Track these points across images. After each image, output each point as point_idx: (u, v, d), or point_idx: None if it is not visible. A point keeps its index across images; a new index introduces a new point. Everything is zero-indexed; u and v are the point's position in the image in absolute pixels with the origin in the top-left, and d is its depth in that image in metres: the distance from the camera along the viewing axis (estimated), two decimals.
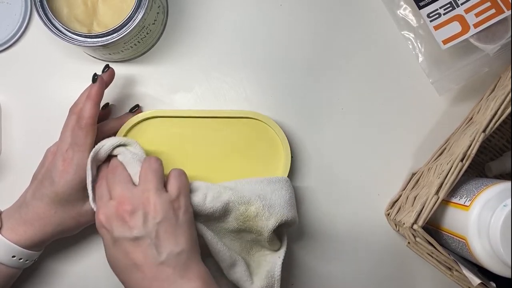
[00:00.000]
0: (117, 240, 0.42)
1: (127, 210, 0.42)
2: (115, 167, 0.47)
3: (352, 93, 0.55)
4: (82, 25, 0.51)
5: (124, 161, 0.47)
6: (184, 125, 0.53)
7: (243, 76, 0.55)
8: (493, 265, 0.41)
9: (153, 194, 0.43)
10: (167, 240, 0.42)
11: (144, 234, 0.42)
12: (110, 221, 0.43)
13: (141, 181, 0.45)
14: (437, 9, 0.51)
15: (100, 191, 0.46)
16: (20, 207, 0.48)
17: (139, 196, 0.43)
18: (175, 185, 0.45)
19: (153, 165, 0.46)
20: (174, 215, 0.44)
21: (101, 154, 0.47)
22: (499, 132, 0.56)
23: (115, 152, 0.48)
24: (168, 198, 0.44)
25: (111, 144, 0.48)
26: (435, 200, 0.42)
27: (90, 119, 0.47)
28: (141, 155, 0.48)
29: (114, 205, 0.43)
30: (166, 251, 0.42)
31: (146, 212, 0.43)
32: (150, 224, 0.42)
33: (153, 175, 0.45)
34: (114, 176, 0.46)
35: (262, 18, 0.56)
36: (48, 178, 0.47)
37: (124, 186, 0.44)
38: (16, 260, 0.47)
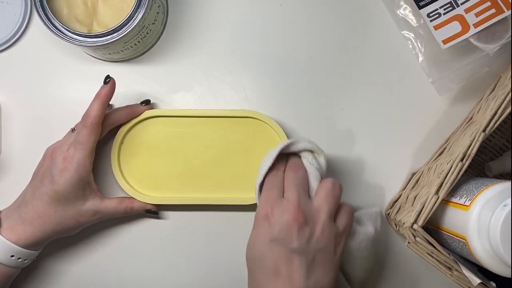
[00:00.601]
0: (275, 241, 0.42)
1: (299, 220, 0.41)
2: (299, 167, 0.46)
3: (352, 93, 0.55)
4: (82, 25, 0.51)
5: (308, 168, 0.46)
6: (184, 125, 0.53)
7: (243, 76, 0.55)
8: (493, 265, 0.41)
9: (326, 218, 0.43)
10: (319, 268, 0.42)
11: (303, 252, 0.41)
12: (278, 221, 0.42)
13: (319, 199, 0.44)
14: (437, 9, 0.51)
15: (275, 181, 0.45)
16: (19, 206, 0.48)
17: (312, 212, 0.43)
18: (344, 222, 0.44)
19: (337, 191, 0.45)
20: (333, 249, 0.43)
21: (291, 149, 0.47)
22: (499, 132, 0.56)
23: (302, 154, 0.47)
24: (335, 230, 0.43)
25: (304, 145, 0.47)
26: (435, 200, 0.42)
27: (96, 118, 0.47)
28: (323, 170, 0.47)
29: (290, 208, 0.42)
30: (314, 278, 0.41)
31: (313, 232, 0.42)
32: (312, 245, 0.42)
33: (333, 199, 0.44)
34: (295, 177, 0.45)
35: (262, 18, 0.56)
36: (48, 177, 0.47)
37: (301, 194, 0.44)
38: (14, 259, 0.47)
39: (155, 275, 0.54)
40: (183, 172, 0.52)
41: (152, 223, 0.54)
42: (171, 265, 0.54)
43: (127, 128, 0.52)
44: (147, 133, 0.53)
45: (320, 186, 0.45)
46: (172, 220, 0.55)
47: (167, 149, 0.53)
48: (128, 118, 0.52)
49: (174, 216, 0.54)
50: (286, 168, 0.47)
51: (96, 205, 0.49)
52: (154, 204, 0.53)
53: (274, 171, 0.46)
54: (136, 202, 0.51)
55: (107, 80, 0.49)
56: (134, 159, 0.52)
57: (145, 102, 0.53)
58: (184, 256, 0.55)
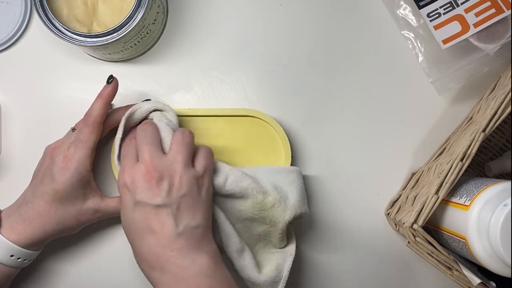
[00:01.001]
0: (138, 203, 0.43)
1: (154, 177, 0.43)
2: (147, 126, 0.47)
3: (352, 93, 0.55)
4: (82, 25, 0.51)
5: (158, 125, 0.47)
6: (184, 124, 0.53)
7: (243, 75, 0.55)
8: (493, 265, 0.41)
9: (182, 167, 0.44)
10: (187, 213, 0.43)
11: (167, 204, 0.43)
12: (135, 184, 0.43)
13: (172, 151, 0.45)
14: (437, 9, 0.51)
15: (127, 150, 0.46)
16: (20, 206, 0.48)
17: (167, 166, 0.44)
18: (203, 163, 0.46)
19: (186, 138, 0.46)
20: (197, 191, 0.45)
21: (137, 115, 0.47)
22: (499, 132, 0.56)
23: (150, 116, 0.48)
24: (194, 174, 0.45)
25: (148, 107, 0.48)
26: (435, 200, 0.42)
27: (98, 118, 0.48)
28: (174, 124, 0.48)
29: (142, 169, 0.44)
30: (183, 223, 0.43)
31: (172, 183, 0.43)
32: (174, 195, 0.43)
33: (184, 148, 0.45)
34: (145, 136, 0.46)
35: (262, 18, 0.56)
36: (48, 176, 0.47)
37: (154, 152, 0.45)
38: (14, 259, 0.46)
39: None
40: None
41: None
42: None
43: None
44: None
45: (172, 139, 0.46)
46: None
47: None
48: None
49: None
50: (136, 130, 0.48)
51: (96, 204, 0.49)
52: None
53: (127, 140, 0.48)
54: None
55: (110, 80, 0.49)
56: None
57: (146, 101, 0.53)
58: None
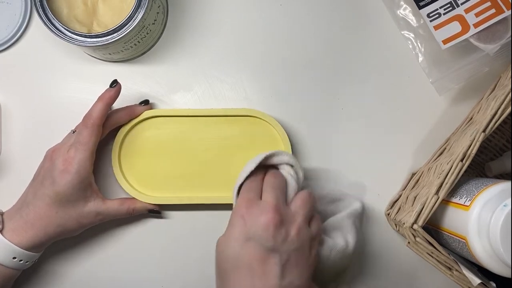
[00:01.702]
0: (251, 239, 0.41)
1: (275, 220, 0.42)
2: (278, 175, 0.47)
3: (352, 93, 0.55)
4: (82, 25, 0.51)
5: (286, 177, 0.47)
6: (184, 124, 0.53)
7: (243, 76, 0.55)
8: (493, 265, 0.41)
9: (302, 222, 0.43)
10: (294, 269, 0.42)
11: (279, 250, 0.41)
12: (254, 220, 0.42)
13: (296, 204, 0.45)
14: (437, 9, 0.51)
15: (253, 185, 0.45)
16: (21, 208, 0.48)
17: (289, 215, 0.43)
18: (317, 227, 0.45)
19: (312, 199, 0.46)
20: (308, 251, 0.43)
21: (273, 160, 0.47)
22: (499, 132, 0.56)
23: (281, 166, 0.48)
24: (310, 233, 0.44)
25: (286, 159, 0.48)
26: (435, 200, 0.42)
27: (98, 120, 0.47)
28: (301, 181, 0.48)
29: (267, 207, 0.42)
30: (289, 278, 0.41)
31: (289, 233, 0.42)
32: (287, 245, 0.42)
33: (308, 207, 0.45)
34: (273, 181, 0.45)
35: (262, 18, 0.56)
36: (48, 178, 0.47)
37: (280, 197, 0.44)
38: (16, 261, 0.47)
39: (156, 275, 0.54)
40: (184, 171, 0.52)
41: (153, 223, 0.54)
42: (171, 265, 0.54)
43: (127, 129, 0.52)
44: (148, 133, 0.53)
45: (297, 195, 0.46)
46: (173, 220, 0.54)
47: (167, 149, 0.53)
48: (128, 118, 0.52)
49: (176, 215, 0.54)
50: (265, 176, 0.47)
51: (97, 206, 0.49)
52: (156, 204, 0.53)
53: (253, 176, 0.47)
54: (138, 203, 0.51)
55: (114, 85, 0.49)
56: (135, 160, 0.52)
57: (144, 102, 0.53)
58: (185, 255, 0.55)
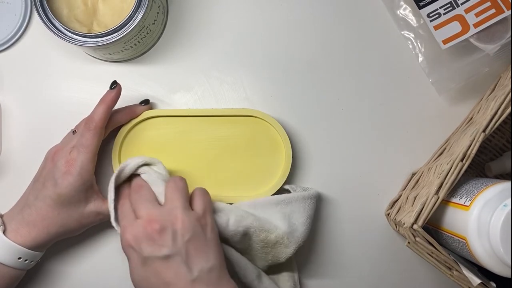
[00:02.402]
0: (147, 260, 0.42)
1: (156, 229, 0.42)
2: (139, 186, 0.46)
3: (352, 93, 0.55)
4: (82, 25, 0.51)
5: (149, 180, 0.47)
6: (184, 124, 0.53)
7: (243, 76, 0.55)
8: (493, 265, 0.41)
9: (181, 212, 0.43)
10: (198, 257, 0.42)
11: (175, 252, 0.42)
12: (138, 241, 0.42)
13: (168, 200, 0.45)
14: (437, 9, 0.51)
15: (124, 210, 0.45)
16: (22, 209, 0.48)
17: (166, 215, 0.43)
18: (201, 203, 0.45)
19: (178, 184, 0.45)
20: (202, 232, 0.43)
21: (125, 173, 0.47)
22: (499, 132, 0.56)
23: (138, 171, 0.48)
24: (195, 215, 0.44)
25: (136, 163, 0.47)
26: (435, 200, 0.42)
27: (100, 122, 0.48)
28: (165, 175, 0.48)
29: (142, 224, 0.43)
30: (197, 268, 0.42)
31: (175, 230, 0.42)
32: (179, 241, 0.42)
33: (179, 193, 0.45)
34: (140, 195, 0.45)
35: (262, 18, 0.56)
36: (50, 180, 0.47)
37: (150, 205, 0.44)
38: (21, 261, 0.47)
39: None
40: (184, 171, 0.52)
41: None
42: None
43: (128, 129, 0.52)
44: (148, 134, 0.53)
45: (165, 188, 0.46)
46: None
47: (167, 149, 0.53)
48: (128, 118, 0.52)
49: None
50: (130, 193, 0.47)
51: (98, 207, 0.49)
52: None
53: (121, 200, 0.47)
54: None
55: (114, 86, 0.49)
56: None
57: (144, 102, 0.53)
58: None
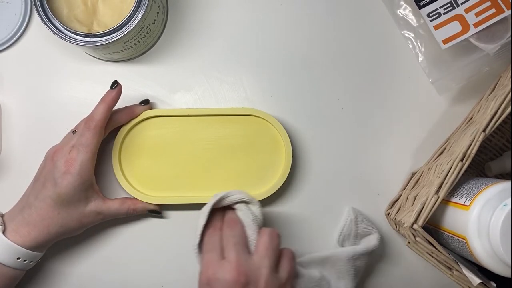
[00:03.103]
0: None
1: (241, 282, 0.41)
2: (234, 223, 0.45)
3: (352, 93, 0.55)
4: (82, 25, 0.51)
5: (244, 221, 0.46)
6: (184, 124, 0.53)
7: (243, 75, 0.55)
8: (493, 265, 0.41)
9: (268, 273, 0.42)
10: None
11: None
12: (218, 284, 0.41)
13: (259, 254, 0.43)
14: (437, 9, 0.51)
15: (213, 241, 0.45)
16: (22, 209, 0.48)
17: (254, 270, 0.42)
18: (287, 269, 0.44)
19: (274, 241, 0.44)
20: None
21: (224, 203, 0.46)
22: (499, 132, 0.56)
23: (236, 206, 0.47)
24: (279, 281, 0.43)
25: (237, 198, 0.47)
26: (435, 200, 0.42)
27: (100, 122, 0.48)
28: (260, 219, 0.47)
29: (230, 271, 0.42)
30: None
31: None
32: None
33: (272, 252, 0.44)
34: (233, 234, 0.44)
35: (262, 18, 0.56)
36: (50, 180, 0.47)
37: (241, 253, 0.43)
38: (21, 261, 0.47)
39: (156, 274, 0.54)
40: (184, 171, 0.52)
41: (153, 223, 0.54)
42: (172, 265, 0.54)
43: (128, 129, 0.52)
44: (148, 133, 0.53)
45: (258, 239, 0.45)
46: (173, 220, 0.54)
47: (167, 148, 0.53)
48: (128, 118, 0.52)
49: (176, 215, 0.54)
50: (223, 226, 0.46)
51: (98, 206, 0.49)
52: (157, 204, 0.53)
53: (211, 229, 0.46)
54: (138, 203, 0.51)
55: (114, 86, 0.49)
56: (135, 160, 0.52)
57: (144, 102, 0.53)
58: (185, 255, 0.54)
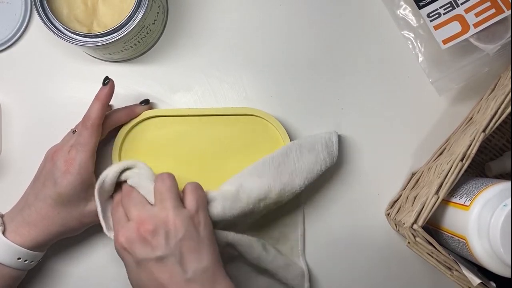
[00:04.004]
0: (141, 262, 0.42)
1: (148, 230, 0.42)
2: (128, 192, 0.46)
3: (352, 93, 0.55)
4: (82, 25, 0.51)
5: (134, 184, 0.46)
6: (184, 124, 0.53)
7: (243, 75, 0.55)
8: (493, 265, 0.41)
9: (172, 211, 0.43)
10: (191, 256, 0.42)
11: (168, 253, 0.41)
12: (131, 243, 0.42)
13: (157, 200, 0.44)
14: (437, 9, 0.51)
15: (117, 216, 0.45)
16: (22, 209, 0.48)
17: (158, 215, 0.43)
18: (193, 200, 0.45)
19: (166, 182, 0.45)
20: (195, 231, 0.43)
21: (107, 183, 0.47)
22: (499, 132, 0.56)
23: (122, 177, 0.47)
24: (187, 214, 0.43)
25: (114, 171, 0.47)
26: (435, 200, 0.42)
27: (96, 120, 0.47)
28: (149, 174, 0.47)
29: (134, 226, 0.42)
30: (191, 268, 0.41)
31: (168, 231, 0.42)
32: (172, 242, 0.42)
33: (168, 192, 0.44)
34: (129, 200, 0.45)
35: (262, 18, 0.56)
36: (50, 179, 0.47)
37: (140, 207, 0.44)
38: (21, 261, 0.47)
39: None
40: (184, 171, 0.52)
41: None
42: None
43: (128, 129, 0.52)
44: (148, 133, 0.53)
45: (154, 188, 0.45)
46: None
47: (167, 149, 0.53)
48: (128, 118, 0.52)
49: None
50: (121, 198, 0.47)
51: None
52: None
53: (114, 208, 0.47)
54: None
55: (106, 82, 0.49)
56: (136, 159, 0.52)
57: (144, 101, 0.53)
58: None
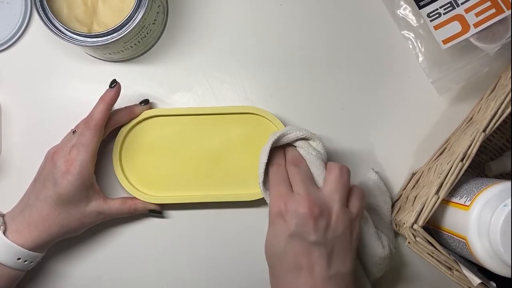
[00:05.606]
0: (294, 236, 0.42)
1: (314, 213, 0.42)
2: (298, 160, 0.46)
3: (352, 92, 0.55)
4: (82, 25, 0.51)
5: (307, 159, 0.46)
6: (185, 123, 0.53)
7: (243, 75, 0.55)
8: (493, 265, 0.41)
9: (339, 207, 0.43)
10: (339, 257, 0.42)
11: (323, 242, 0.41)
12: (293, 216, 0.42)
13: (329, 188, 0.44)
14: (437, 9, 0.51)
15: (279, 177, 0.45)
16: (23, 209, 0.48)
17: (326, 203, 0.43)
18: (358, 206, 0.45)
19: (345, 177, 0.45)
20: (349, 235, 0.43)
21: (283, 141, 0.46)
22: (499, 132, 0.56)
23: (297, 143, 0.47)
24: (349, 216, 0.44)
25: (297, 134, 0.46)
26: (435, 200, 0.42)
27: (100, 121, 0.48)
28: (324, 155, 0.47)
29: (302, 202, 0.42)
30: (335, 267, 0.41)
31: (329, 222, 0.42)
32: (330, 235, 0.42)
33: (342, 187, 0.44)
34: (298, 170, 0.45)
35: (262, 18, 0.56)
36: (50, 180, 0.47)
37: (310, 186, 0.44)
38: (21, 262, 0.47)
39: (156, 274, 0.54)
40: (185, 170, 0.52)
41: (154, 223, 0.54)
42: (172, 265, 0.54)
43: (128, 129, 0.52)
44: (148, 133, 0.53)
45: (327, 174, 0.45)
46: (174, 219, 0.54)
47: (168, 148, 0.53)
48: (128, 118, 0.52)
49: (176, 215, 0.54)
50: (286, 163, 0.46)
51: (99, 206, 0.49)
52: (158, 204, 0.53)
53: (275, 166, 0.46)
54: (139, 203, 0.52)
55: (113, 85, 0.49)
56: (136, 159, 0.52)
57: (144, 101, 0.53)
58: (186, 255, 0.55)
